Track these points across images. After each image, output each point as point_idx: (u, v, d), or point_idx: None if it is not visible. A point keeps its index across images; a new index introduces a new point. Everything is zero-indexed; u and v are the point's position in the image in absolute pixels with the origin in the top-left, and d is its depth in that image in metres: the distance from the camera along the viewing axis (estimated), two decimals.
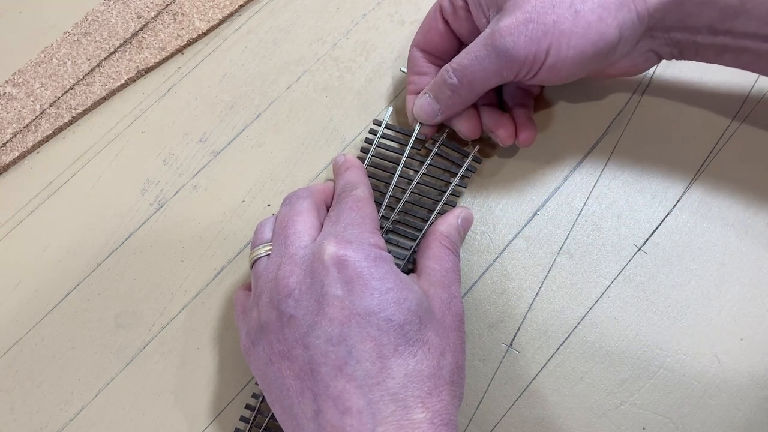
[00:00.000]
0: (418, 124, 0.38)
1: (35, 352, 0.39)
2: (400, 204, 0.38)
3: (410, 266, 0.37)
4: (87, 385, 0.38)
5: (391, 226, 0.38)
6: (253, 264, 0.34)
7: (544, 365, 0.37)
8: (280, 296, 0.30)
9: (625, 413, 0.36)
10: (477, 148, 0.39)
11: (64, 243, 0.41)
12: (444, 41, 0.38)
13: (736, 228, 0.38)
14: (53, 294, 0.40)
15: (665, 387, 0.36)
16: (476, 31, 0.36)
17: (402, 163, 0.38)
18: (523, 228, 0.39)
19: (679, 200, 0.39)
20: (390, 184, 0.38)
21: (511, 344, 0.37)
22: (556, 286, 0.38)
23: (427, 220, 0.37)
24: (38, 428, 0.37)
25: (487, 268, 0.39)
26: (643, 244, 0.38)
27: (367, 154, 0.39)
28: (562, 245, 0.39)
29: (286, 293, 0.30)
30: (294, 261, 0.31)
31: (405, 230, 0.38)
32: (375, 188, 0.37)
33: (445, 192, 0.38)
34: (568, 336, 0.37)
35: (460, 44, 0.39)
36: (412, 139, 0.38)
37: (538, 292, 0.38)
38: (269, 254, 0.33)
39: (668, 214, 0.39)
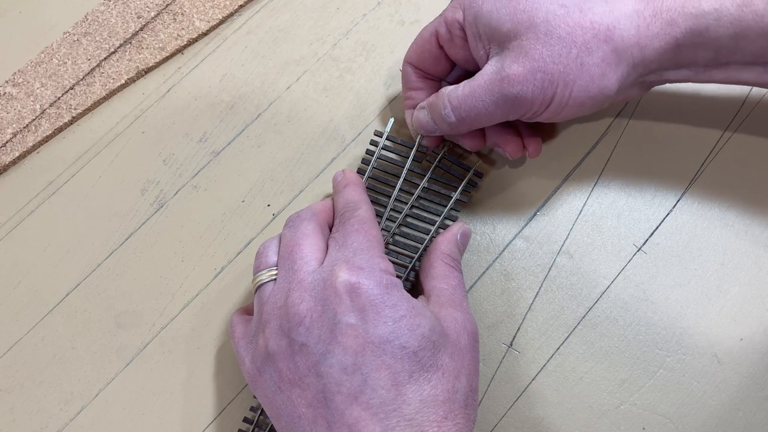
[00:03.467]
0: (419, 136, 0.38)
1: (35, 352, 0.39)
2: (401, 217, 0.38)
3: (411, 280, 0.37)
4: (87, 385, 0.38)
5: (391, 239, 0.37)
6: (257, 289, 0.33)
7: (544, 365, 0.37)
8: (291, 324, 0.30)
9: (625, 413, 0.36)
10: (478, 163, 0.39)
11: (64, 243, 0.41)
12: (438, 64, 0.38)
13: (735, 228, 0.38)
14: (53, 294, 0.40)
15: (665, 387, 0.36)
16: (472, 59, 0.36)
17: (403, 176, 0.38)
18: (523, 228, 0.39)
19: (678, 200, 0.39)
20: (390, 197, 0.38)
21: (511, 344, 0.37)
22: (556, 286, 0.38)
23: (428, 234, 0.37)
24: (38, 428, 0.37)
25: (487, 268, 0.39)
26: (643, 244, 0.38)
27: (368, 165, 0.39)
28: (562, 245, 0.39)
29: (297, 321, 0.30)
30: (303, 287, 0.30)
31: (405, 243, 0.37)
32: (375, 201, 0.37)
33: (446, 206, 0.38)
34: (568, 336, 0.37)
35: (453, 66, 0.38)
36: (413, 151, 0.38)
37: (538, 292, 0.38)
38: (274, 279, 0.32)
39: (668, 214, 0.39)
